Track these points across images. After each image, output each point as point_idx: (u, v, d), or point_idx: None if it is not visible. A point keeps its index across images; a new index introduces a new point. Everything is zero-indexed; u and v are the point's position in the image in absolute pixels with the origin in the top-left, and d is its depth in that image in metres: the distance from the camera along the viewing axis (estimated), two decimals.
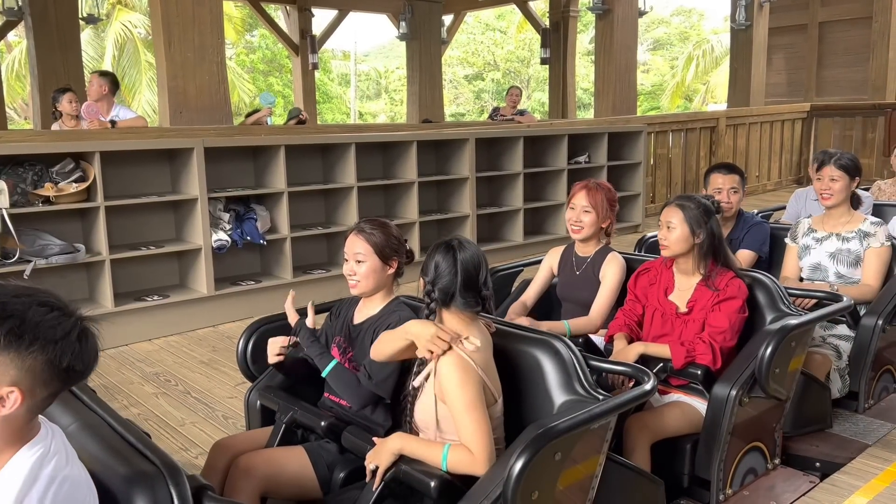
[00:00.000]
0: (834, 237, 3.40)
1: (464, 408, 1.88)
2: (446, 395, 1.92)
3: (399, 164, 5.98)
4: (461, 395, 1.89)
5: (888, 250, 3.32)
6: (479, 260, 2.03)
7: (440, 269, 1.99)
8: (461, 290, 1.98)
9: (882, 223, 3.38)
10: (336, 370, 2.25)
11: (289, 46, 14.53)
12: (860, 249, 3.34)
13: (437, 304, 2.00)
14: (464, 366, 1.92)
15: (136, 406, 3.65)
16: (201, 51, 5.76)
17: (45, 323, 1.26)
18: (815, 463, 2.88)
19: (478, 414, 1.88)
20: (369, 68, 32.81)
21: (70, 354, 1.27)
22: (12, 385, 1.24)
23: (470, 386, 1.90)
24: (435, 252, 2.04)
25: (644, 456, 2.43)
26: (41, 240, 4.29)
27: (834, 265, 3.39)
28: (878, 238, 3.31)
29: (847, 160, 3.41)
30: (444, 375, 1.92)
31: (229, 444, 2.30)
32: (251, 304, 5.01)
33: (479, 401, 1.91)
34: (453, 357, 1.92)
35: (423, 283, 2.03)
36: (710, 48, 24.55)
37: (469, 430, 1.87)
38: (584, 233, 3.05)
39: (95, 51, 19.61)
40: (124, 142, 4.87)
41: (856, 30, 11.86)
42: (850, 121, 9.95)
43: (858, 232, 3.36)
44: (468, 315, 2.01)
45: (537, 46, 15.31)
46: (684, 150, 8.95)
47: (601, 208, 3.04)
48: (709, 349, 2.55)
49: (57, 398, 1.76)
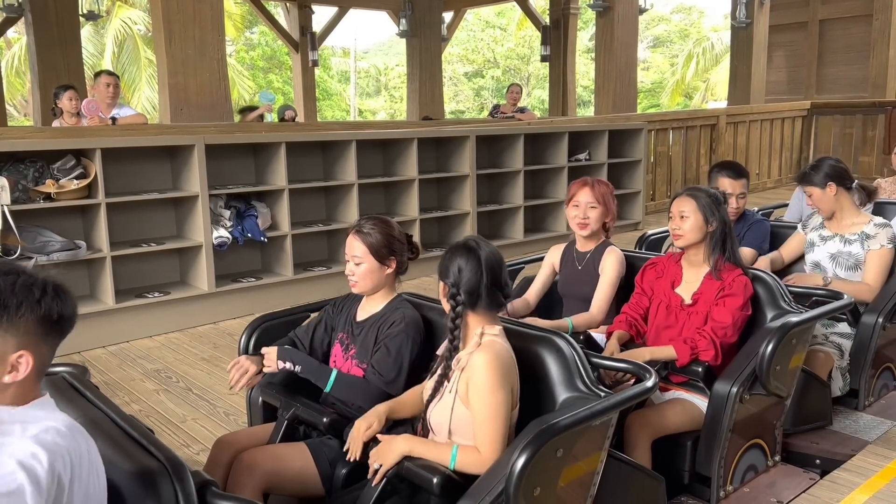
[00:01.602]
0: (837, 238, 3.39)
1: (490, 413, 1.86)
2: (474, 395, 1.88)
3: (399, 161, 5.98)
4: (491, 398, 1.86)
5: (889, 252, 3.29)
6: (499, 257, 2.04)
7: (464, 271, 1.98)
8: (487, 290, 1.98)
9: (887, 224, 3.35)
10: (338, 381, 2.24)
11: (289, 43, 14.52)
12: (861, 253, 3.32)
13: (464, 307, 1.98)
14: (502, 362, 1.90)
15: (137, 403, 3.66)
16: (202, 48, 5.75)
17: (19, 287, 1.33)
18: (815, 460, 2.89)
19: (502, 421, 1.87)
20: (369, 65, 32.78)
21: (57, 305, 1.37)
22: (19, 350, 1.32)
23: (502, 390, 1.87)
24: (455, 255, 2.01)
25: (645, 453, 2.44)
26: (42, 236, 4.30)
27: (833, 267, 3.39)
28: (878, 240, 3.28)
29: (812, 174, 3.37)
30: (477, 370, 1.88)
31: (232, 440, 2.31)
32: (252, 300, 5.01)
33: (507, 406, 1.89)
34: (488, 354, 1.89)
35: (445, 287, 2.00)
36: (711, 46, 24.56)
37: (489, 436, 1.85)
38: (590, 228, 3.06)
39: (95, 47, 19.58)
40: (125, 139, 4.88)
41: (856, 27, 11.86)
42: (850, 119, 9.94)
43: (861, 234, 3.33)
44: (492, 314, 2.01)
45: (537, 44, 15.30)
46: (684, 147, 8.95)
47: (607, 201, 3.07)
48: (711, 345, 2.56)
49: (61, 395, 1.77)
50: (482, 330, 1.97)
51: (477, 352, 1.91)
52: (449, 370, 1.99)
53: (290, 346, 2.37)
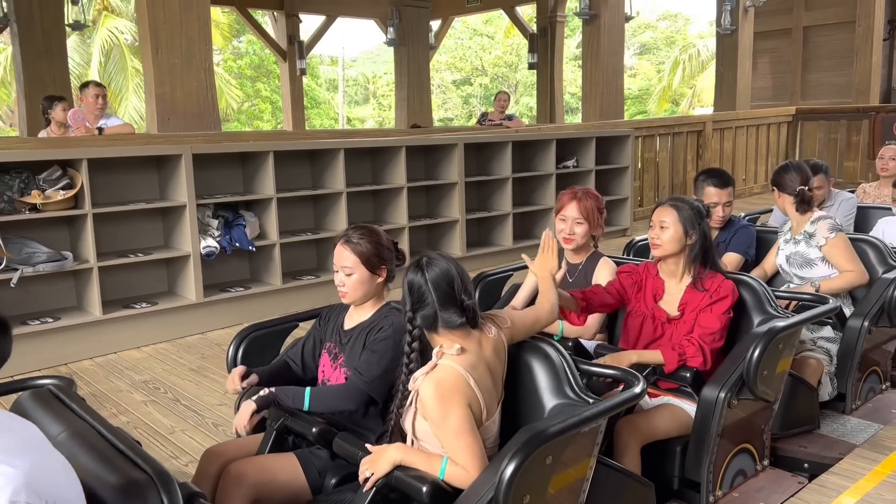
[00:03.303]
0: (792, 241, 3.51)
1: (453, 435, 1.85)
2: (431, 425, 1.87)
3: (388, 169, 5.98)
4: (445, 424, 1.84)
5: (839, 238, 3.35)
6: (450, 273, 1.95)
7: (414, 294, 1.94)
8: (441, 310, 1.92)
9: (821, 217, 3.43)
10: (314, 395, 2.21)
11: (276, 52, 14.52)
12: (808, 251, 3.41)
13: (420, 330, 1.95)
14: (446, 389, 1.86)
15: (124, 414, 3.63)
16: (189, 57, 5.74)
17: None
18: (803, 464, 2.91)
19: (469, 437, 1.85)
20: (357, 73, 32.81)
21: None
22: None
23: (455, 410, 1.84)
24: (406, 278, 1.98)
25: (634, 458, 2.44)
26: (28, 248, 4.27)
27: (789, 267, 3.50)
28: (820, 235, 3.37)
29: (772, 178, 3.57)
30: (425, 401, 1.86)
31: (220, 451, 2.29)
32: (240, 310, 4.99)
33: (468, 422, 1.86)
34: (434, 380, 1.86)
35: (404, 314, 1.97)
36: (697, 52, 24.72)
37: (461, 455, 1.84)
38: (575, 243, 3.06)
39: (82, 57, 19.50)
40: (112, 149, 4.85)
41: (839, 34, 11.98)
42: (834, 124, 10.04)
43: (804, 234, 3.44)
44: (460, 332, 1.94)
45: (525, 51, 15.37)
46: (671, 153, 9.01)
47: (592, 217, 3.05)
48: (699, 351, 2.57)
49: (47, 407, 1.76)
50: (441, 350, 1.93)
51: (424, 381, 1.88)
52: (407, 391, 1.97)
53: (268, 389, 2.26)
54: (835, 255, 3.35)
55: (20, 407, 1.82)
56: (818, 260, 3.39)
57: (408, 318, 1.97)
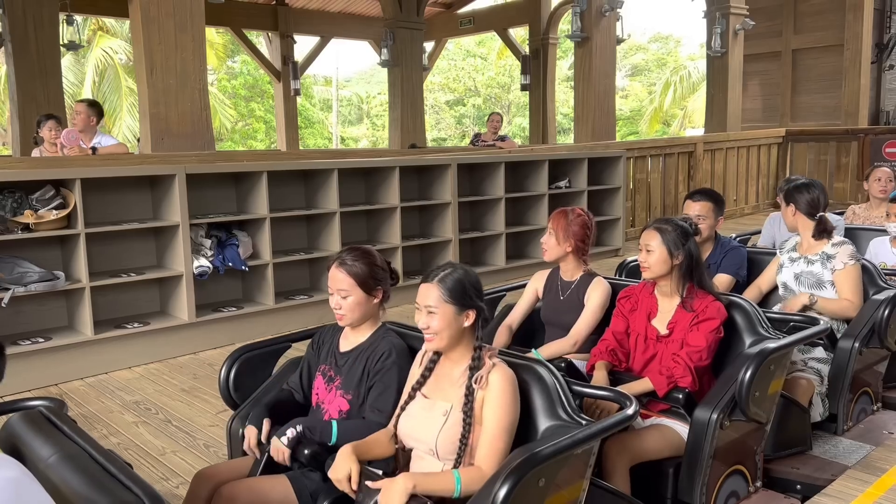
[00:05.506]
0: (802, 260, 3.50)
1: (502, 429, 1.95)
2: (492, 411, 1.96)
3: (381, 189, 6.00)
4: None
5: (855, 268, 3.37)
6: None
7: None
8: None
9: (844, 242, 3.44)
10: (341, 430, 2.17)
11: (270, 72, 14.61)
12: (822, 272, 3.41)
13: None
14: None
15: (115, 435, 3.60)
16: (183, 77, 5.77)
17: None
18: (796, 485, 2.90)
19: (509, 439, 1.96)
20: (351, 94, 32.95)
21: None
22: None
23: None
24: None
25: (623, 479, 2.44)
26: (20, 267, 4.25)
27: (797, 286, 3.48)
28: (840, 259, 3.38)
29: (784, 188, 3.57)
30: (497, 391, 1.97)
31: (211, 473, 2.28)
32: (233, 330, 4.98)
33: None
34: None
35: (472, 313, 2.10)
36: (688, 74, 24.98)
37: (496, 452, 1.93)
38: (546, 255, 3.20)
39: (76, 76, 19.55)
40: (105, 168, 4.86)
41: (828, 57, 12.14)
42: (824, 146, 10.14)
43: (822, 254, 3.44)
44: None
45: (517, 72, 15.50)
46: (663, 174, 9.07)
47: (562, 231, 3.13)
48: (687, 371, 2.58)
49: (38, 429, 1.75)
50: (489, 351, 2.09)
51: (502, 370, 2.01)
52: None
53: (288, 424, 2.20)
54: (844, 281, 3.35)
55: (10, 429, 1.81)
56: (828, 284, 3.40)
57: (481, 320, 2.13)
